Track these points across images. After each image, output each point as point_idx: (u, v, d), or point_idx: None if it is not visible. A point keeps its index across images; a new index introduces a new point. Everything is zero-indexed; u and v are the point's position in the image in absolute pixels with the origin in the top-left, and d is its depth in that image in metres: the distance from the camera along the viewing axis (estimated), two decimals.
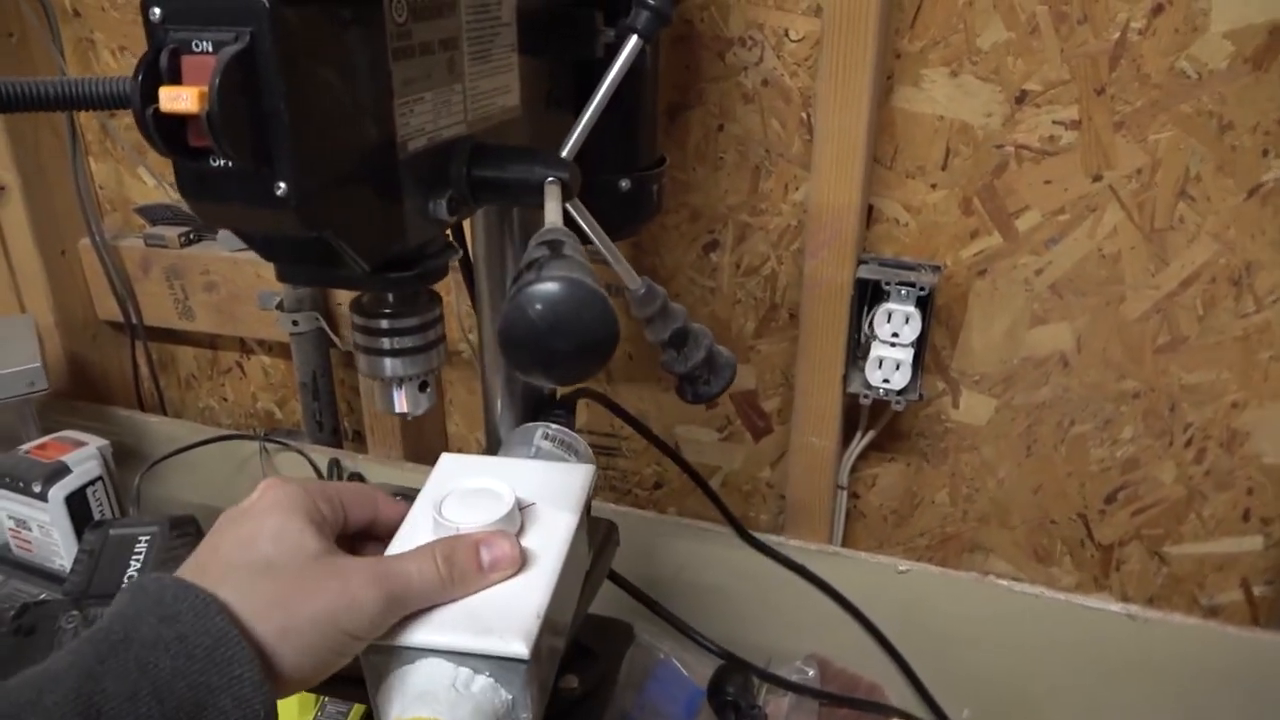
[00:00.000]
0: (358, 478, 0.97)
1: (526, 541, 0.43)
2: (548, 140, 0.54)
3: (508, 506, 0.43)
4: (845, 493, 0.87)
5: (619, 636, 0.72)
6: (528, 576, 0.41)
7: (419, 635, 0.39)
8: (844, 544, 0.89)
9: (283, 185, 0.33)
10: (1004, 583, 0.77)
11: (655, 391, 0.94)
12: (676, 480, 0.97)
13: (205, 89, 0.31)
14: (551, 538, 0.44)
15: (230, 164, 0.33)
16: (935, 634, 0.80)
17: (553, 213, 0.39)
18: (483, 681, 0.39)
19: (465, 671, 0.39)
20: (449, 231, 0.47)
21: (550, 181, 0.42)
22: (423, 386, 0.47)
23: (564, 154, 0.44)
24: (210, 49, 0.31)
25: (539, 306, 0.29)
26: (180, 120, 0.32)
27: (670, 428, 0.94)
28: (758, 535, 0.83)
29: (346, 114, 0.36)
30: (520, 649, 0.38)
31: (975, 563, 0.89)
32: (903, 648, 0.81)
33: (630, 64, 0.44)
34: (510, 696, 0.40)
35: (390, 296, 0.45)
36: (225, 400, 1.15)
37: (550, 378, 0.31)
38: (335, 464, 0.95)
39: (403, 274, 0.42)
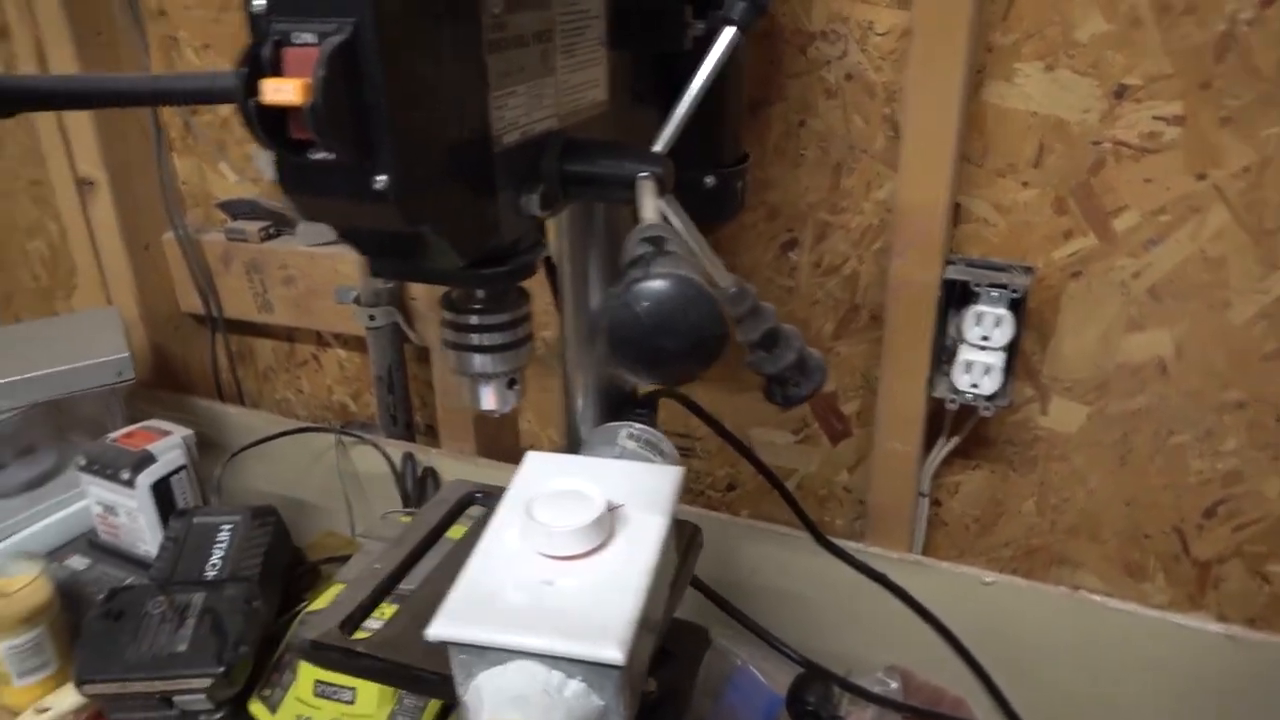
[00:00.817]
0: (430, 473, 0.97)
1: (617, 545, 0.43)
2: (630, 135, 0.53)
3: (599, 510, 0.42)
4: (926, 500, 0.85)
5: (695, 640, 0.71)
6: (622, 580, 0.40)
7: (512, 637, 0.38)
8: (924, 552, 0.87)
9: (382, 178, 0.33)
10: (1096, 598, 0.74)
11: (730, 392, 0.92)
12: (750, 482, 0.96)
13: (308, 81, 0.30)
14: (643, 541, 0.43)
15: (331, 157, 0.32)
16: (1021, 649, 0.77)
17: (649, 209, 0.38)
18: (576, 686, 0.38)
19: (558, 676, 0.38)
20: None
21: (643, 176, 0.41)
22: (510, 384, 0.47)
23: (657, 148, 0.43)
24: (313, 40, 0.31)
25: (646, 304, 0.28)
26: (282, 112, 0.32)
27: (745, 429, 0.93)
28: (835, 541, 0.81)
29: (444, 107, 0.35)
30: (616, 655, 0.37)
31: (1062, 576, 0.86)
32: (987, 662, 0.78)
33: (727, 56, 0.42)
34: (603, 703, 0.39)
35: (480, 293, 0.45)
36: (301, 392, 1.16)
37: (655, 376, 0.30)
38: (409, 458, 0.96)
39: (495, 270, 0.42)
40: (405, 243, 0.38)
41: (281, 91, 0.30)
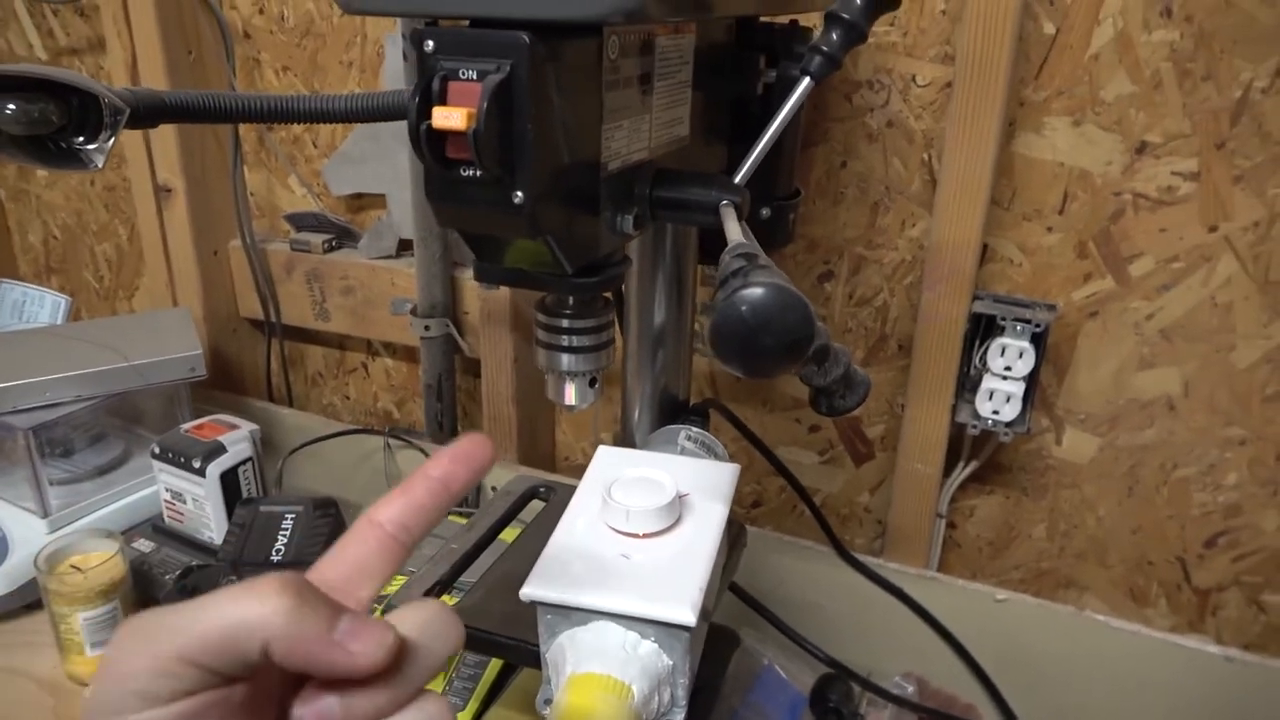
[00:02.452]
0: None
1: (685, 526, 0.48)
2: (700, 166, 0.60)
3: (671, 494, 0.48)
4: (943, 521, 0.90)
5: (725, 640, 0.76)
6: (690, 556, 0.46)
7: (595, 599, 0.44)
8: (939, 572, 0.91)
9: (520, 194, 0.39)
10: (1101, 618, 0.79)
11: (760, 412, 0.98)
12: (775, 500, 1.01)
13: (473, 110, 0.36)
14: (707, 525, 0.48)
15: (478, 174, 0.38)
16: (1029, 665, 0.82)
17: (734, 231, 0.44)
18: (649, 646, 0.44)
19: (634, 635, 0.44)
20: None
21: (725, 204, 0.47)
22: (592, 383, 0.52)
23: (737, 180, 0.49)
24: (475, 77, 0.37)
25: (750, 307, 0.34)
26: (441, 134, 0.38)
27: (772, 449, 0.97)
28: (857, 556, 0.86)
29: (569, 136, 0.41)
30: (687, 616, 0.42)
31: (1069, 599, 0.90)
32: (996, 676, 0.83)
33: (801, 103, 0.48)
34: (672, 662, 0.44)
35: (571, 299, 0.51)
36: (347, 399, 1.22)
37: (752, 371, 0.35)
38: None
39: (587, 279, 0.48)
40: (517, 250, 0.44)
41: (450, 118, 0.36)
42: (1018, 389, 0.77)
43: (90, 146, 0.53)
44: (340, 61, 1.04)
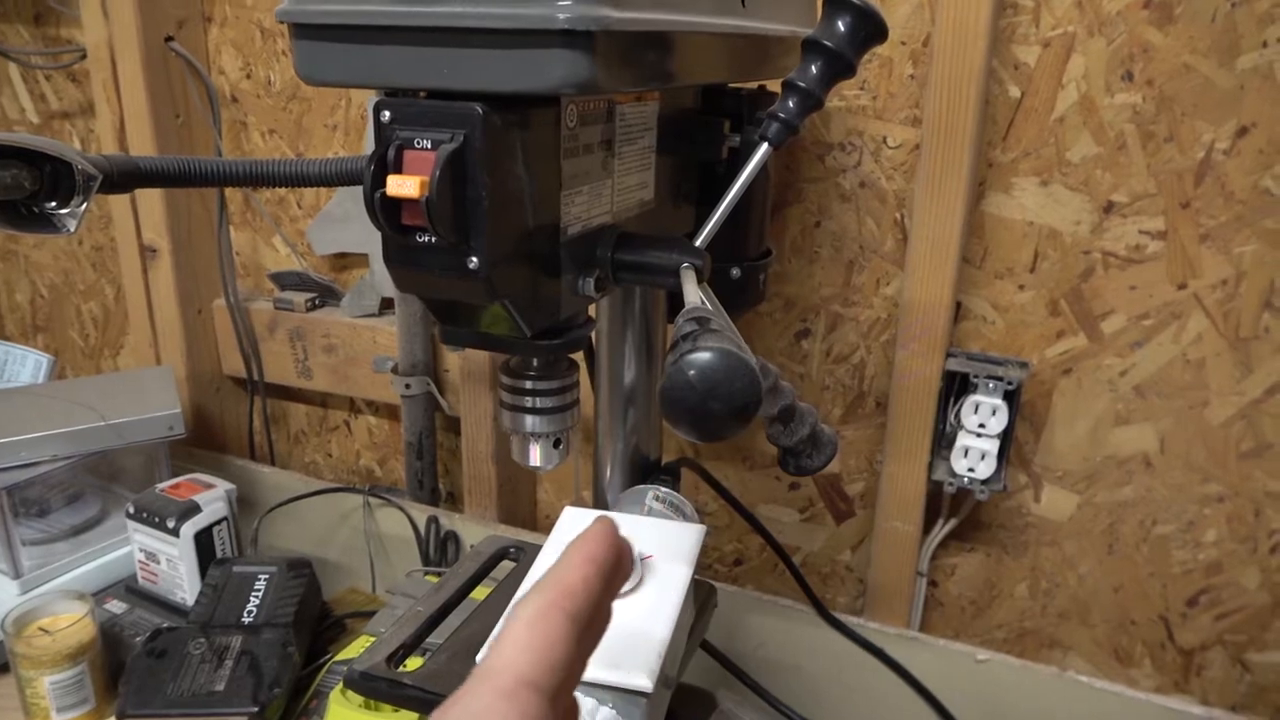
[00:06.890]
0: (452, 536, 1.02)
1: (646, 590, 0.48)
2: (669, 227, 0.60)
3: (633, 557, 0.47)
4: (924, 579, 0.89)
5: (701, 704, 0.75)
6: (651, 620, 0.46)
7: None
8: (921, 632, 0.91)
9: (475, 260, 0.39)
10: (1084, 679, 0.78)
11: (740, 470, 0.97)
12: (756, 558, 1.00)
13: (426, 178, 0.37)
14: (669, 587, 0.48)
15: (433, 239, 0.39)
16: None
17: (692, 294, 0.44)
18: (607, 712, 0.43)
19: (591, 701, 0.43)
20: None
21: (686, 267, 0.48)
22: (556, 443, 0.52)
23: (697, 243, 0.49)
24: (429, 146, 0.38)
25: (697, 372, 0.34)
26: (397, 201, 0.38)
27: (753, 506, 0.98)
28: (837, 615, 0.85)
29: (526, 203, 0.42)
30: (645, 682, 0.42)
31: (1054, 659, 0.89)
32: None
33: (760, 168, 0.49)
34: None
35: (535, 361, 0.51)
36: (330, 456, 1.22)
37: (701, 434, 0.36)
38: (434, 520, 1.01)
39: (551, 342, 0.48)
40: (479, 314, 0.45)
41: (404, 186, 0.37)
42: (992, 446, 0.78)
43: (63, 211, 0.54)
44: (325, 125, 1.06)
